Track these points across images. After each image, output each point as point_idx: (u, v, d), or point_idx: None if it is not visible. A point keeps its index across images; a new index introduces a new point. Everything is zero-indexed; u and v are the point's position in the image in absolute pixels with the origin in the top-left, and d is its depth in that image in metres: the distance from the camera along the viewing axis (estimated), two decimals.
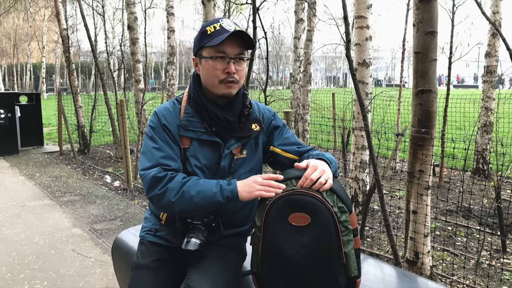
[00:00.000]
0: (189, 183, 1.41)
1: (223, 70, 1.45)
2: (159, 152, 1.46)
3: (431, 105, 2.47)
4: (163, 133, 1.49)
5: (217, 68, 1.45)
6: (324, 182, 1.31)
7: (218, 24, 1.45)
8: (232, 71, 1.45)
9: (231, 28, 1.43)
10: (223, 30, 1.43)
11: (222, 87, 1.47)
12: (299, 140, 1.68)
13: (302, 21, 7.42)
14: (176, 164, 1.47)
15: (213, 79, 1.47)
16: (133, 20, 6.36)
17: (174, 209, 1.41)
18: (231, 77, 1.46)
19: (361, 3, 3.98)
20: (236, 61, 1.47)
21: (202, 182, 1.42)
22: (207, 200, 1.39)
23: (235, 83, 1.48)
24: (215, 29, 1.44)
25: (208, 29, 1.45)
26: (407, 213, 2.73)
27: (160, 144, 1.48)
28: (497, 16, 5.48)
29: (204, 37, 1.46)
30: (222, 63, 1.45)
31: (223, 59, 1.45)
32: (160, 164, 1.44)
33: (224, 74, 1.46)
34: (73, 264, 3.20)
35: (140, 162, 1.50)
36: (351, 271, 1.31)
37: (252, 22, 3.43)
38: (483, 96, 5.77)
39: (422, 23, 2.43)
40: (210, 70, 1.47)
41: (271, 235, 1.33)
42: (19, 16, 26.24)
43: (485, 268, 3.11)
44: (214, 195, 1.38)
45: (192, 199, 1.38)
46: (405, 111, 7.77)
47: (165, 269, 1.53)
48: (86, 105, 8.46)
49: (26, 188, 5.52)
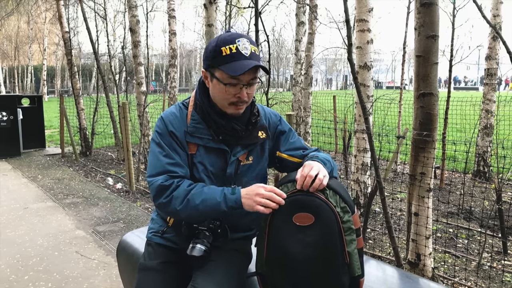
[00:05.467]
0: (193, 191, 1.42)
1: (235, 94, 1.44)
2: (166, 159, 1.47)
3: (433, 108, 2.49)
4: (170, 140, 1.49)
5: (229, 93, 1.44)
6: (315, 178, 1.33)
7: (234, 46, 1.39)
8: (244, 96, 1.44)
9: (247, 52, 1.39)
10: (240, 55, 1.38)
11: (231, 108, 1.47)
12: (305, 144, 1.68)
13: (303, 24, 7.45)
14: (183, 170, 1.48)
15: (222, 100, 1.46)
16: (135, 23, 6.39)
17: (180, 216, 1.44)
18: (242, 100, 1.45)
19: (362, 6, 4.01)
20: (248, 86, 1.45)
21: (206, 190, 1.42)
22: (212, 208, 1.40)
23: (245, 103, 1.48)
24: (231, 52, 1.38)
25: (223, 49, 1.39)
26: (408, 215, 2.75)
27: (167, 150, 1.48)
28: (497, 19, 5.51)
29: (219, 56, 1.40)
30: (234, 89, 1.43)
31: (235, 85, 1.42)
32: (167, 171, 1.45)
33: (235, 98, 1.44)
34: (77, 266, 3.22)
35: (148, 168, 1.51)
36: (354, 271, 1.33)
37: (255, 26, 3.46)
38: (484, 99, 5.79)
39: (424, 27, 2.45)
40: (221, 93, 1.45)
41: (275, 235, 1.36)
42: (21, 19, 26.31)
43: (486, 270, 3.12)
44: (218, 204, 1.39)
45: (197, 208, 1.40)
46: (405, 113, 7.80)
47: (172, 271, 1.54)
48: (88, 107, 8.48)
49: (29, 190, 5.54)
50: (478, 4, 3.39)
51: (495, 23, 5.42)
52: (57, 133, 10.42)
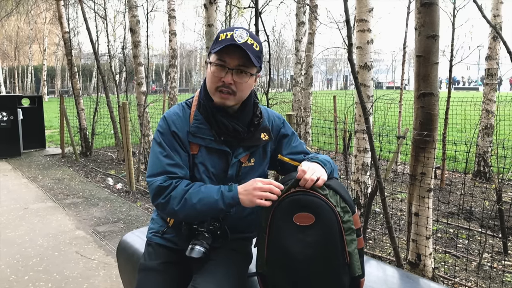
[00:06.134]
0: (191, 190, 1.42)
1: (220, 78, 1.45)
2: (166, 160, 1.47)
3: (433, 108, 2.49)
4: (172, 139, 1.49)
5: (215, 75, 1.45)
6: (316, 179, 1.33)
7: (230, 33, 1.43)
8: (227, 81, 1.44)
9: (240, 40, 1.41)
10: (231, 39, 1.41)
11: (217, 95, 1.47)
12: (307, 148, 1.68)
13: (304, 24, 7.45)
14: (182, 171, 1.48)
15: (211, 85, 1.48)
16: (135, 23, 6.39)
17: (179, 216, 1.44)
18: (226, 86, 1.44)
19: (363, 6, 4.00)
20: (236, 73, 1.44)
21: (203, 189, 1.42)
22: (209, 207, 1.39)
23: (230, 94, 1.46)
24: (226, 37, 1.43)
25: (221, 35, 1.45)
26: (409, 216, 2.75)
27: (168, 151, 1.48)
28: (497, 19, 5.51)
29: (215, 42, 1.46)
30: (220, 72, 1.44)
31: (222, 68, 1.44)
32: (166, 172, 1.45)
33: (220, 82, 1.45)
34: (77, 266, 3.22)
35: (148, 168, 1.51)
36: (355, 271, 1.33)
37: (255, 26, 3.46)
38: (484, 99, 5.79)
39: (424, 27, 2.45)
40: (209, 75, 1.48)
41: (276, 235, 1.36)
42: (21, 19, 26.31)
43: (486, 270, 3.12)
44: (215, 202, 1.39)
45: (195, 207, 1.39)
46: (406, 113, 7.79)
47: (172, 271, 1.54)
48: (88, 107, 8.48)
49: (29, 190, 5.54)
50: (478, 4, 3.38)
51: (496, 23, 5.42)
52: (57, 133, 10.42)
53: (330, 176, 1.44)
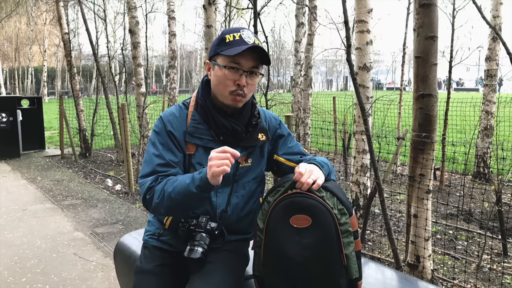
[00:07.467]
0: (170, 181, 1.40)
1: (234, 81, 1.44)
2: (158, 160, 1.46)
3: (432, 109, 2.49)
4: (167, 139, 1.49)
5: (229, 78, 1.44)
6: (312, 182, 1.32)
7: (238, 34, 1.43)
8: (243, 83, 1.44)
9: (250, 41, 1.42)
10: (242, 41, 1.41)
11: (229, 98, 1.46)
12: (303, 150, 1.67)
13: (303, 25, 7.45)
14: (173, 170, 1.47)
15: (222, 88, 1.46)
16: (134, 24, 6.39)
17: (160, 210, 1.42)
18: (241, 89, 1.44)
19: (362, 7, 4.00)
20: (249, 75, 1.45)
21: (179, 178, 1.40)
22: (182, 193, 1.36)
23: (242, 96, 1.46)
24: (234, 39, 1.42)
25: (227, 36, 1.43)
26: (408, 217, 2.74)
27: (160, 151, 1.47)
28: (497, 20, 5.50)
29: (222, 44, 1.44)
30: (234, 74, 1.43)
31: (236, 71, 1.43)
32: (156, 172, 1.45)
33: (234, 85, 1.44)
34: (75, 268, 3.21)
35: (141, 168, 1.51)
36: (352, 273, 1.32)
37: (254, 27, 3.45)
38: (484, 100, 5.78)
39: (423, 28, 2.44)
40: (221, 78, 1.45)
41: (273, 237, 1.35)
42: (21, 20, 26.36)
43: (486, 272, 3.11)
44: (187, 186, 1.35)
45: (170, 196, 1.37)
46: (405, 114, 7.78)
47: (168, 274, 1.53)
48: (87, 108, 8.48)
49: (28, 191, 5.53)
50: (477, 5, 3.38)
51: (495, 24, 5.41)
52: (56, 134, 10.42)
53: (328, 178, 1.43)
